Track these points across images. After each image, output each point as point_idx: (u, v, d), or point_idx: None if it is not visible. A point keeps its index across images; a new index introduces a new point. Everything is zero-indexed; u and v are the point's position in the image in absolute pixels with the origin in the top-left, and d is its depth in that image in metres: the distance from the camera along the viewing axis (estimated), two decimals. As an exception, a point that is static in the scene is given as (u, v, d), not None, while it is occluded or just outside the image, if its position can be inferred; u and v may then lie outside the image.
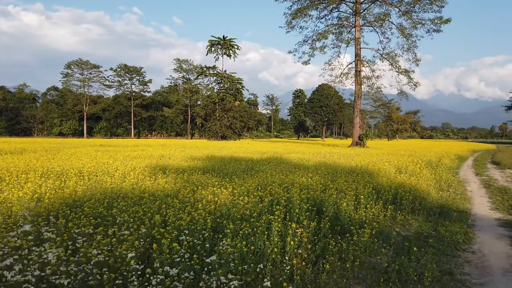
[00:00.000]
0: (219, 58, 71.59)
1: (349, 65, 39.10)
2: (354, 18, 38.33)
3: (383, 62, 38.81)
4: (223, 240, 4.26)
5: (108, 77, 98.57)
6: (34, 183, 7.60)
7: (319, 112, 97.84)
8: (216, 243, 4.47)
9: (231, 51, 71.19)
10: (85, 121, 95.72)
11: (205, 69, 76.05)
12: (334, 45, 39.71)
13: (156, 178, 9.39)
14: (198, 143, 44.53)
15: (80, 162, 12.75)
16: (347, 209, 6.69)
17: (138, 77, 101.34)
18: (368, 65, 38.71)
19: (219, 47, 70.74)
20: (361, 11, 38.15)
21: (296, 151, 24.57)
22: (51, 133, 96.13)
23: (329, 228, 5.67)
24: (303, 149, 28.84)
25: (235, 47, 71.52)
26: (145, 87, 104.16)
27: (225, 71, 72.79)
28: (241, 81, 75.19)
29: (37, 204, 5.79)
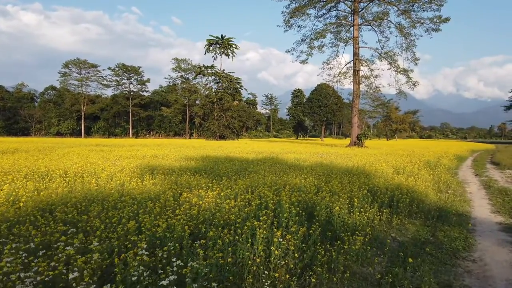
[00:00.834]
0: (217, 57, 71.35)
1: (347, 65, 38.80)
2: (352, 17, 37.98)
3: (381, 61, 38.54)
4: (198, 250, 3.86)
5: (106, 76, 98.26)
6: (13, 185, 7.24)
7: (318, 112, 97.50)
8: (196, 252, 4.09)
9: (229, 50, 70.84)
10: (83, 120, 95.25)
11: (203, 69, 75.64)
12: (332, 44, 39.41)
13: (143, 179, 9.03)
14: (195, 143, 44.12)
15: (68, 162, 12.37)
16: (341, 213, 6.32)
17: (136, 77, 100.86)
18: (366, 64, 38.38)
19: (217, 46, 70.39)
20: (360, 10, 37.80)
21: (293, 151, 24.22)
22: (49, 132, 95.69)
23: (320, 234, 5.31)
24: (300, 149, 28.49)
25: (233, 46, 71.18)
26: (143, 86, 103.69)
27: (223, 70, 72.45)
28: (239, 81, 74.81)
29: (8, 208, 5.42)
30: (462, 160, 26.35)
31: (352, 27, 37.87)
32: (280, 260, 4.17)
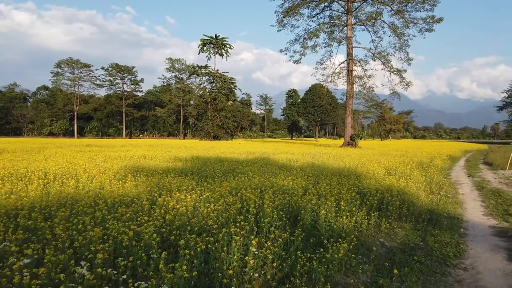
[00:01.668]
0: (211, 57, 70.89)
1: (341, 65, 38.61)
2: (346, 16, 37.79)
3: (375, 61, 38.39)
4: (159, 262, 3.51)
5: (99, 76, 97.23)
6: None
7: (312, 112, 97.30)
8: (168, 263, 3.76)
9: (223, 50, 70.44)
10: (76, 120, 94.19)
11: (197, 69, 75.12)
12: (326, 44, 39.17)
13: (125, 181, 8.67)
14: (188, 143, 43.69)
15: (52, 163, 11.96)
16: (328, 216, 6.02)
17: (130, 77, 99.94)
18: (360, 64, 38.21)
19: (211, 46, 69.97)
20: (353, 9, 37.63)
21: (285, 152, 23.95)
22: (42, 133, 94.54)
23: (303, 239, 5.00)
24: (293, 149, 28.23)
25: (227, 46, 70.79)
26: (137, 86, 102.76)
27: (217, 70, 72.01)
28: (233, 81, 74.41)
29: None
30: (455, 160, 26.24)
31: (345, 27, 37.70)
32: (256, 270, 3.85)
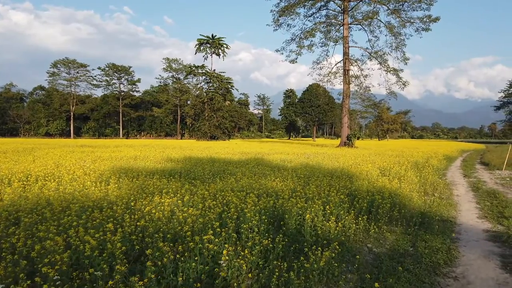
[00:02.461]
0: (208, 57, 70.53)
1: (337, 64, 38.35)
2: (342, 16, 37.55)
3: (371, 61, 38.19)
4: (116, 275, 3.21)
5: (95, 76, 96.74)
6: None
7: (309, 112, 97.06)
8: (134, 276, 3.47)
9: (220, 50, 70.10)
10: (72, 121, 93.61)
11: (194, 68, 74.75)
12: (322, 43, 38.95)
13: (108, 183, 8.37)
14: (184, 143, 43.33)
15: (37, 164, 11.66)
16: (315, 220, 5.73)
17: (126, 77, 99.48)
18: (356, 64, 37.98)
19: (208, 46, 69.60)
20: (350, 9, 37.42)
21: (281, 152, 23.68)
22: (38, 133, 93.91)
23: (285, 246, 4.71)
24: (289, 149, 27.97)
25: (224, 46, 70.43)
26: (134, 86, 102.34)
27: (214, 70, 71.68)
28: (230, 81, 74.07)
29: None
30: (451, 160, 26.00)
31: (342, 27, 37.45)
32: (230, 282, 3.56)
